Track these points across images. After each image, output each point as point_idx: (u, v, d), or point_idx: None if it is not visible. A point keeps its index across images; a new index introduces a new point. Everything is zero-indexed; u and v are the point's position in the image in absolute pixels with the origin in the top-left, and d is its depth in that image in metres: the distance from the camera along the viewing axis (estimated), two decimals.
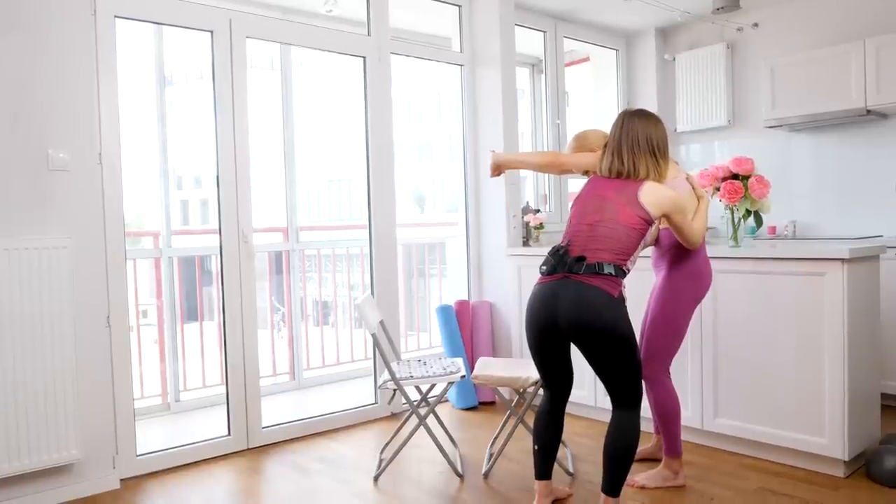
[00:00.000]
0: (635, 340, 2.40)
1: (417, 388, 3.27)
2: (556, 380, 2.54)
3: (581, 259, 2.37)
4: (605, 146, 2.63)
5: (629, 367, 2.39)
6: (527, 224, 4.38)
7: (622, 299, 2.41)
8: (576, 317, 2.33)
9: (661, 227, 2.81)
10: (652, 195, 2.47)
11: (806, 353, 2.94)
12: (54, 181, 2.89)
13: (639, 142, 2.54)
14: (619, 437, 2.42)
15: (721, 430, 3.23)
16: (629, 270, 2.45)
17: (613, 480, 2.42)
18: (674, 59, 5.23)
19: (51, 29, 2.88)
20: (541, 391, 2.99)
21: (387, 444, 3.34)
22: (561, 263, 2.39)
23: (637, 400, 2.43)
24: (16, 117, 2.79)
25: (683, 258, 2.80)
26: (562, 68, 4.95)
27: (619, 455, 2.41)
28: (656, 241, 2.88)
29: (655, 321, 2.84)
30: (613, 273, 2.37)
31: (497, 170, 3.02)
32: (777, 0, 4.68)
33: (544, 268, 2.44)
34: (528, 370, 3.05)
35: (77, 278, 2.91)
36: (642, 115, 2.62)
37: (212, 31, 3.38)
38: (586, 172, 2.94)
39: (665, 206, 2.49)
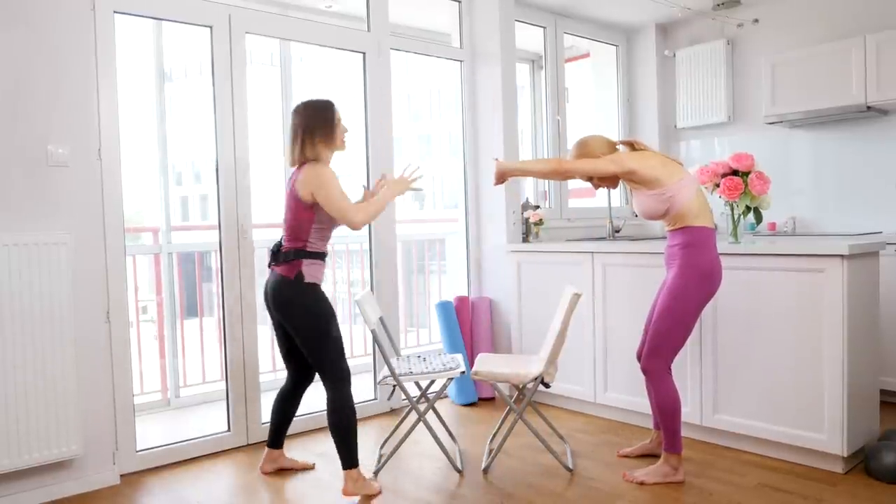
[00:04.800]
0: None
1: (417, 384, 3.28)
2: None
3: None
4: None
5: None
6: (526, 220, 4.38)
7: None
8: None
9: (676, 226, 2.79)
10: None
11: (805, 349, 2.94)
12: (54, 176, 2.88)
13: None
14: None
15: (720, 425, 3.24)
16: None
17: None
18: (674, 55, 5.22)
19: (50, 24, 2.87)
20: (541, 386, 3.00)
21: (386, 440, 3.35)
22: None
23: None
24: (15, 113, 2.78)
25: (696, 257, 2.78)
26: (562, 64, 4.94)
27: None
28: (671, 238, 2.86)
29: (662, 317, 2.82)
30: None
31: (501, 178, 3.01)
32: None
33: None
34: (527, 366, 3.05)
35: (77, 274, 2.91)
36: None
37: (211, 27, 3.38)
38: (590, 179, 2.95)
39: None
